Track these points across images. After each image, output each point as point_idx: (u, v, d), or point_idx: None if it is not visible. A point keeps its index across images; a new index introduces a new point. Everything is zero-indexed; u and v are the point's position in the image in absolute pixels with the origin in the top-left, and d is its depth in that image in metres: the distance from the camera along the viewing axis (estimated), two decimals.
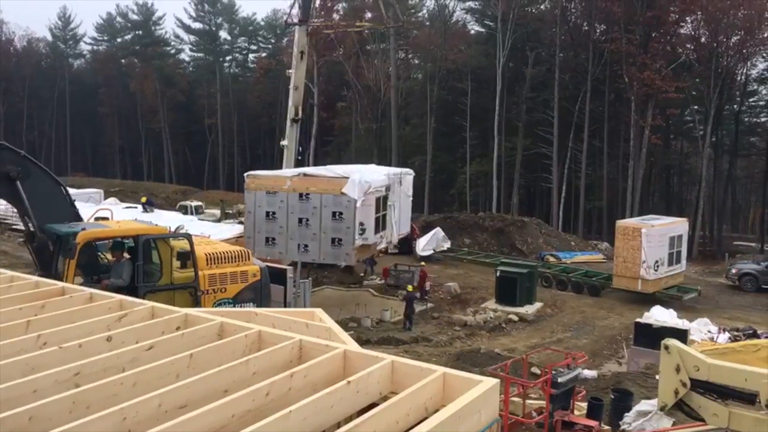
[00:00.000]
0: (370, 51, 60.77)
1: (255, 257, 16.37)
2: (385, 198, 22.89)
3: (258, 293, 15.12)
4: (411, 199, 27.74)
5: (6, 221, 33.70)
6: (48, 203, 13.29)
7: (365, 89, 59.22)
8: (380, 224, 22.54)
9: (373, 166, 27.73)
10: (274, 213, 21.95)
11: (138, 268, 12.78)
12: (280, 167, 29.50)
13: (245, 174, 24.02)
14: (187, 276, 13.53)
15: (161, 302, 13.10)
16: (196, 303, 13.31)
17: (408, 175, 27.49)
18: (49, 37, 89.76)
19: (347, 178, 21.34)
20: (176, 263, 13.50)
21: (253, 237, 21.99)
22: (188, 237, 14.19)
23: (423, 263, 26.51)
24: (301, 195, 21.65)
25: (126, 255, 13.00)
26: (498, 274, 24.77)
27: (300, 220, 21.55)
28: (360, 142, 61.53)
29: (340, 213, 21.07)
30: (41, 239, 13.09)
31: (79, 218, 14.11)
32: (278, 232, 21.63)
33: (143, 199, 41.73)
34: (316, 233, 21.17)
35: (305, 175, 22.70)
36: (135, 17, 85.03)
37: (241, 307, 14.29)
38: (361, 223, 21.25)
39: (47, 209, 13.24)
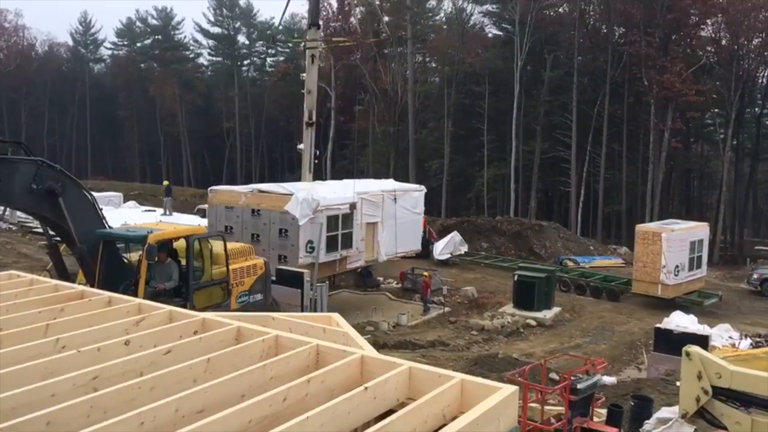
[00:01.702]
0: (388, 55, 60.84)
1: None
2: (348, 216, 22.33)
3: (264, 285, 16.08)
4: (421, 215, 27.22)
5: (27, 224, 34.05)
6: (82, 214, 13.48)
7: (382, 93, 59.31)
8: (338, 244, 22.04)
9: (361, 181, 27.15)
10: (231, 228, 22.15)
11: (190, 268, 13.48)
12: (299, 171, 29.57)
13: (209, 189, 24.30)
14: (220, 272, 14.38)
15: (203, 298, 13.94)
16: (228, 296, 14.33)
17: (414, 191, 26.98)
18: (70, 42, 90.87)
19: (291, 195, 21.28)
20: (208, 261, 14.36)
21: None
22: (222, 236, 14.92)
23: (425, 273, 26.20)
24: (253, 211, 21.83)
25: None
26: (516, 278, 24.62)
27: (252, 236, 21.62)
28: (377, 145, 61.57)
29: (286, 230, 21.08)
30: (81, 249, 13.23)
31: (107, 225, 14.31)
32: None
33: (165, 183, 43.94)
34: (266, 249, 21.10)
35: (259, 191, 22.75)
36: (154, 22, 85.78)
37: (253, 298, 15.03)
38: (310, 242, 21.07)
39: (82, 220, 13.43)
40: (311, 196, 21.30)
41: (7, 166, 12.23)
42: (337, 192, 23.09)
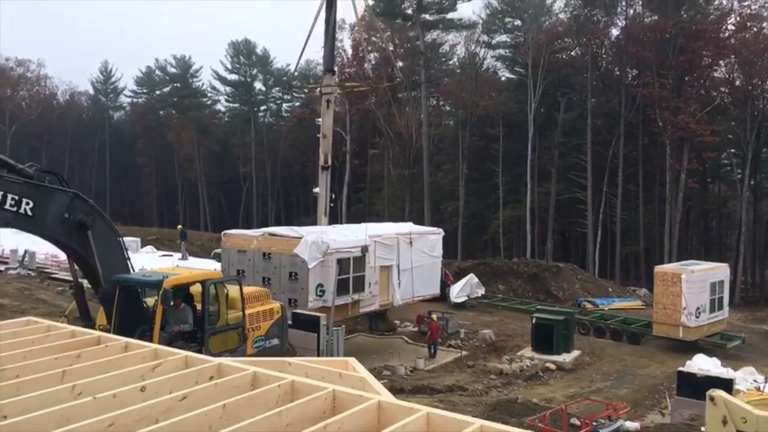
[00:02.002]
0: (402, 99, 61.57)
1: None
2: (359, 259, 22.16)
3: (281, 329, 16.05)
4: (439, 258, 26.97)
5: (45, 270, 34.33)
6: (109, 252, 13.57)
7: (397, 136, 59.85)
8: (350, 287, 21.82)
9: (376, 225, 26.90)
10: (243, 271, 22.13)
11: (205, 312, 13.49)
12: (315, 214, 29.70)
13: (222, 233, 24.45)
14: (236, 317, 14.37)
15: (219, 343, 13.90)
16: (244, 341, 14.34)
17: (431, 234, 26.81)
18: (91, 91, 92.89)
19: (301, 238, 21.26)
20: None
21: None
22: (238, 280, 14.91)
23: (434, 317, 25.94)
24: (264, 254, 21.85)
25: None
26: (534, 321, 24.34)
27: (264, 279, 21.59)
28: (392, 188, 61.88)
29: (296, 273, 21.02)
30: (106, 290, 13.29)
31: (130, 268, 14.33)
32: None
33: (179, 227, 45.12)
34: (276, 293, 20.95)
35: (270, 234, 22.82)
36: (173, 70, 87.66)
37: (269, 342, 14.96)
38: (320, 285, 20.95)
39: (108, 258, 13.52)
40: (321, 239, 21.26)
41: (43, 193, 12.61)
42: (348, 235, 22.96)
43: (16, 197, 12.12)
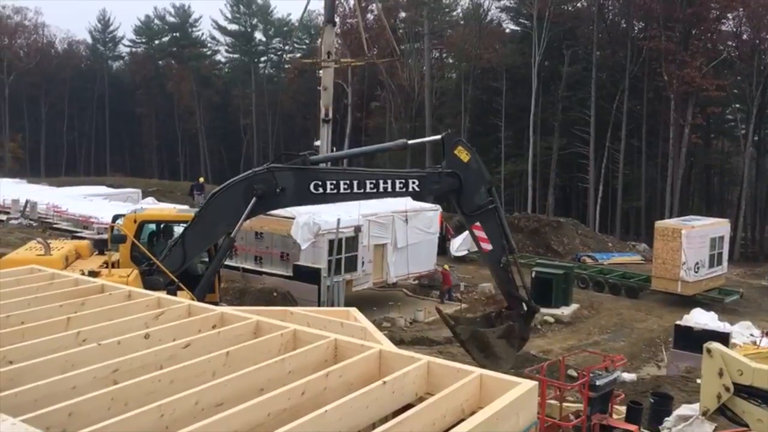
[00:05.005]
0: (404, 51, 60.70)
1: None
2: (352, 239, 21.95)
3: None
4: (435, 235, 26.48)
5: (47, 220, 34.38)
6: (198, 234, 13.16)
7: (399, 89, 59.16)
8: (341, 266, 21.55)
9: (372, 201, 26.51)
10: (236, 250, 22.18)
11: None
12: None
13: None
14: None
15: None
16: None
17: (428, 211, 26.15)
18: (89, 40, 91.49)
19: (293, 218, 21.09)
20: None
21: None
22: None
23: (445, 265, 25.86)
24: (256, 233, 21.88)
25: None
26: (533, 274, 24.46)
27: (255, 258, 21.81)
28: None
29: (287, 254, 21.17)
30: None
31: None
32: (240, 268, 22.08)
33: (200, 179, 44.70)
34: (268, 272, 21.24)
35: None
36: (172, 19, 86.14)
37: None
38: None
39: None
40: (312, 220, 21.04)
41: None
42: (341, 215, 22.30)
43: None
